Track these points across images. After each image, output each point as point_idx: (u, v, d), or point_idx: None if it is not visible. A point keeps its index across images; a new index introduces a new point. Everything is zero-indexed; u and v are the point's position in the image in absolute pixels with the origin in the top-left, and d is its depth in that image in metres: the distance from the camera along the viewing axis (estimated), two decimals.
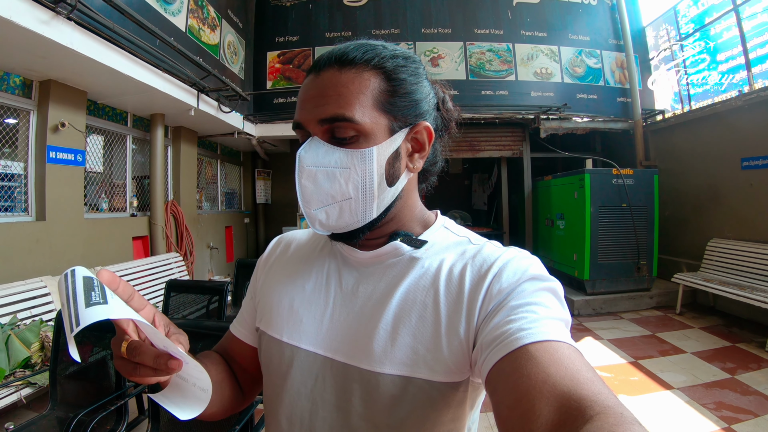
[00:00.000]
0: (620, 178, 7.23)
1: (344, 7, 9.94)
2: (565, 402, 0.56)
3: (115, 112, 6.75)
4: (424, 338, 0.80)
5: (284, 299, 0.98)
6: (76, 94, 5.54)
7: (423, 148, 0.91)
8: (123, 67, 5.13)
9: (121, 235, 6.60)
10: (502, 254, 0.84)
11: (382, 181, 0.85)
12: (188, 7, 7.12)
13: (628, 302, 7.12)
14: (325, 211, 0.85)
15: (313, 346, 0.90)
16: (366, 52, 0.84)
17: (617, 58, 9.64)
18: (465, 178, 12.19)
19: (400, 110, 0.85)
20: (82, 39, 4.48)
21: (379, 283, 0.90)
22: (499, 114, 9.02)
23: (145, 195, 7.40)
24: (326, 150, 0.82)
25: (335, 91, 0.80)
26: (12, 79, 4.94)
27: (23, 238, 4.89)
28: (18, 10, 3.74)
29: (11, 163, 5.06)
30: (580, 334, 5.99)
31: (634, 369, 4.77)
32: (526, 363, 0.63)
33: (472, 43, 9.54)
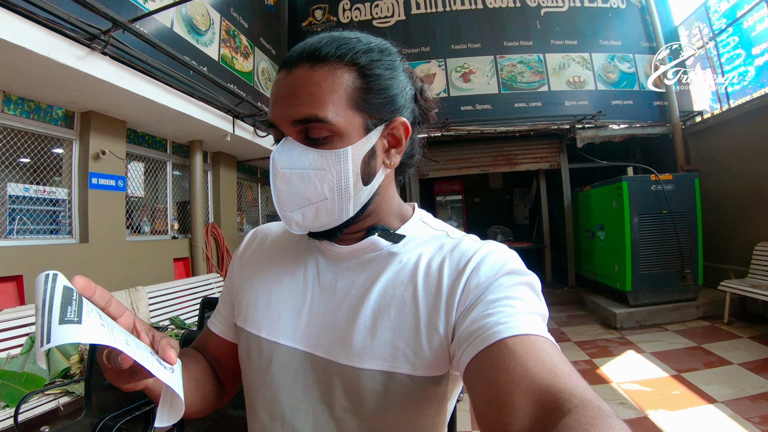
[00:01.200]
0: (659, 184, 7.01)
1: (374, 28, 10.04)
2: (543, 396, 0.57)
3: (154, 140, 7.07)
4: (403, 333, 0.81)
5: (261, 294, 0.98)
6: (115, 124, 5.85)
7: (400, 143, 0.90)
8: (158, 96, 5.40)
9: (162, 256, 6.86)
10: (480, 248, 0.84)
11: (357, 180, 0.84)
12: (220, 37, 7.38)
13: (673, 313, 6.83)
14: (301, 213, 0.84)
15: (292, 342, 0.90)
16: (339, 47, 0.81)
17: (651, 60, 9.30)
18: (506, 193, 12.09)
19: (376, 107, 0.84)
20: (118, 72, 4.76)
21: (357, 278, 0.89)
22: (534, 126, 8.98)
23: (186, 218, 7.64)
24: (300, 151, 0.81)
25: (307, 90, 0.79)
26: (55, 111, 5.27)
27: (67, 259, 5.15)
28: (55, 47, 4.03)
29: (56, 189, 5.36)
30: (621, 348, 5.78)
31: (676, 382, 4.56)
32: (504, 357, 0.63)
33: (502, 56, 9.54)
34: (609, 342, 6.10)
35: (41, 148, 5.16)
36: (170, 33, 6.10)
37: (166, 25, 6.05)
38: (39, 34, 3.91)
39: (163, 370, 0.68)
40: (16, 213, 4.88)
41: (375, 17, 10.15)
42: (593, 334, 6.56)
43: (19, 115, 4.88)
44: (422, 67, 9.78)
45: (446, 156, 9.70)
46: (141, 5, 5.42)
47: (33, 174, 5.23)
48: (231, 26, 7.84)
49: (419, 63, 9.82)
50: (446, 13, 9.85)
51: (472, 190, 11.79)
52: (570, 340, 6.31)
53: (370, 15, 10.17)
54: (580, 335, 6.55)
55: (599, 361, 5.39)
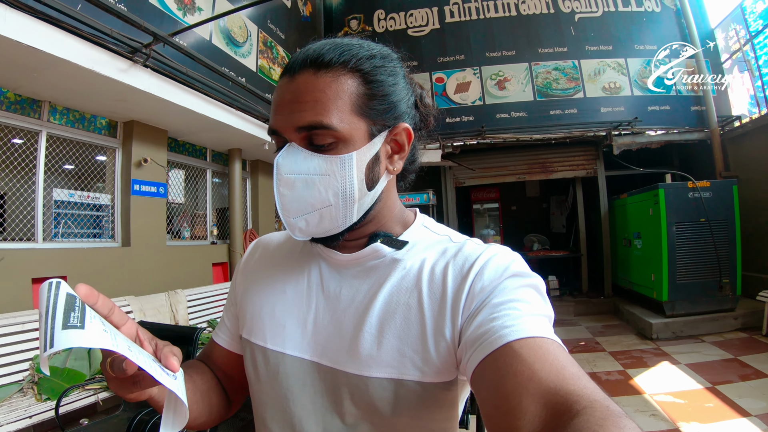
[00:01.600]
0: (697, 192, 6.87)
1: (409, 37, 10.19)
2: (551, 398, 0.57)
3: (194, 148, 7.35)
4: (410, 340, 0.80)
5: (265, 305, 0.97)
6: (156, 133, 6.14)
7: (402, 149, 0.90)
8: (198, 107, 5.64)
9: (201, 261, 7.13)
10: (484, 252, 0.84)
11: (362, 186, 0.84)
12: (257, 48, 7.61)
13: (711, 324, 6.66)
14: (305, 219, 0.83)
15: (298, 351, 0.90)
16: (342, 53, 0.81)
17: (687, 64, 9.14)
18: (543, 201, 11.96)
19: (379, 113, 0.84)
20: (159, 83, 5.02)
21: (362, 286, 0.89)
22: (570, 133, 8.93)
23: (225, 224, 7.89)
24: (304, 157, 0.81)
25: (311, 96, 0.79)
26: (99, 121, 5.55)
27: (109, 261, 5.42)
28: (99, 60, 4.28)
29: (99, 195, 5.66)
30: (656, 359, 5.70)
31: (710, 395, 4.48)
32: (512, 360, 0.63)
33: (537, 63, 9.52)
34: (644, 353, 6.02)
35: (85, 155, 5.43)
36: (209, 45, 6.35)
37: (205, 37, 6.30)
38: (83, 48, 4.15)
39: (166, 377, 0.68)
40: (61, 217, 5.15)
41: (410, 26, 10.24)
42: (628, 345, 6.47)
43: (65, 125, 5.15)
44: (457, 75, 9.87)
45: (482, 164, 9.73)
46: (180, 19, 5.69)
47: (77, 180, 5.51)
48: (268, 37, 8.07)
49: (454, 71, 9.89)
50: (480, 21, 9.89)
51: (508, 197, 11.69)
52: (604, 350, 6.24)
53: (405, 24, 10.27)
54: (615, 345, 6.47)
55: (633, 371, 5.33)
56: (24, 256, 4.55)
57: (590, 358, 5.95)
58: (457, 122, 9.68)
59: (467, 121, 9.65)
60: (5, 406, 3.50)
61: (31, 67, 4.12)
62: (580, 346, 6.56)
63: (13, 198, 4.72)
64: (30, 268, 4.56)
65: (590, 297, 9.15)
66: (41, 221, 4.84)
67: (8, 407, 3.46)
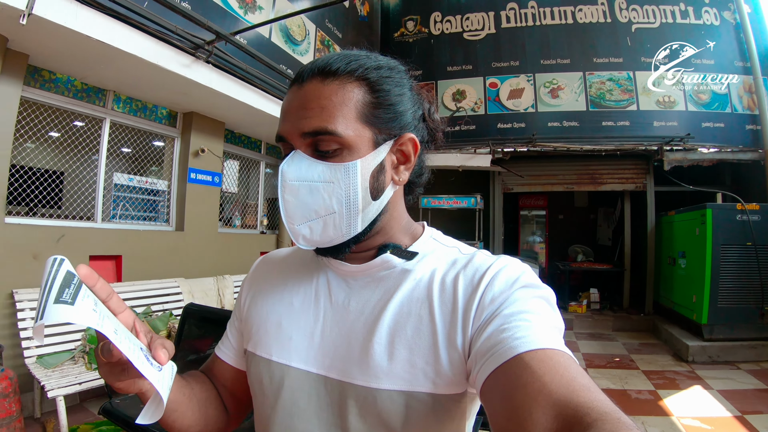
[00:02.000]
0: (745, 214, 6.74)
1: (464, 41, 10.23)
2: (561, 410, 0.56)
3: (250, 140, 7.71)
4: (421, 351, 0.80)
5: (272, 317, 0.97)
6: (214, 124, 6.49)
7: (408, 160, 0.91)
8: (255, 102, 5.95)
9: (249, 249, 7.45)
10: (494, 263, 0.83)
11: (366, 194, 0.84)
12: (315, 47, 7.83)
13: (749, 351, 6.52)
14: (308, 226, 0.83)
15: (304, 364, 0.89)
16: (350, 62, 0.83)
17: (745, 81, 8.89)
18: (590, 212, 11.87)
19: (384, 122, 0.85)
20: (219, 79, 5.32)
21: (371, 297, 0.88)
22: (621, 145, 8.83)
23: (275, 215, 8.22)
24: (309, 164, 0.81)
25: (318, 103, 0.80)
26: (159, 111, 5.92)
27: (163, 244, 5.80)
28: (164, 56, 4.60)
29: (157, 181, 6.03)
30: (688, 382, 5.67)
31: (738, 424, 4.46)
32: (522, 372, 0.63)
33: (591, 72, 9.40)
34: (677, 374, 5.99)
35: (145, 143, 5.83)
36: (268, 43, 6.62)
37: (265, 35, 6.56)
38: (149, 43, 4.46)
39: (149, 367, 0.69)
40: (120, 200, 5.49)
41: (465, 30, 10.25)
42: (662, 365, 6.43)
43: (127, 113, 5.51)
44: (511, 81, 9.83)
45: (531, 171, 9.73)
46: (241, 17, 5.96)
47: (136, 164, 5.93)
48: (326, 36, 8.27)
49: (508, 77, 9.87)
50: (536, 27, 9.83)
51: (556, 206, 11.64)
52: (638, 369, 6.24)
53: (461, 28, 10.29)
54: (649, 364, 6.44)
55: (663, 392, 5.32)
56: (83, 235, 4.90)
57: (623, 374, 5.96)
58: (509, 128, 9.68)
59: (518, 128, 9.63)
60: (57, 371, 3.87)
61: (99, 59, 4.43)
62: (615, 362, 6.56)
63: (75, 179, 5.06)
64: (88, 246, 4.91)
65: (630, 313, 9.07)
66: (101, 203, 5.19)
67: (60, 373, 3.86)
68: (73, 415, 4.07)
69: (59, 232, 4.60)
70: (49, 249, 4.42)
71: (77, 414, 4.25)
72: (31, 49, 4.20)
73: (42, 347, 4.09)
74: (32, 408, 4.18)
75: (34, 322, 0.59)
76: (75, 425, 3.93)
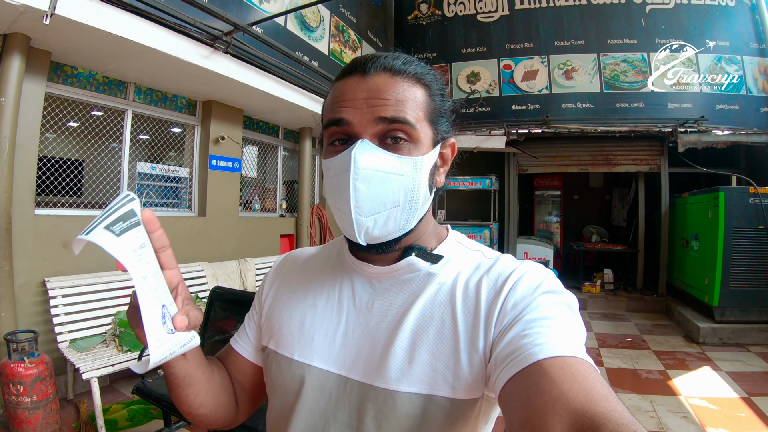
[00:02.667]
0: (758, 198, 6.75)
1: (478, 23, 10.15)
2: (578, 419, 0.56)
3: (268, 126, 7.84)
4: (442, 355, 0.80)
5: (295, 317, 0.97)
6: (233, 112, 6.64)
7: (446, 163, 0.94)
8: (272, 89, 6.07)
9: (270, 232, 7.69)
10: (517, 268, 0.84)
11: (426, 191, 0.86)
12: (330, 33, 7.89)
13: (760, 335, 6.57)
14: (374, 219, 0.82)
15: (325, 364, 0.89)
16: (410, 64, 0.86)
17: (760, 63, 8.80)
18: (606, 193, 11.88)
19: (439, 125, 0.88)
20: (238, 69, 5.44)
21: (395, 300, 0.89)
22: (635, 127, 8.83)
23: (293, 199, 8.40)
24: (380, 154, 0.81)
25: (393, 95, 0.81)
26: (179, 100, 6.07)
27: (186, 230, 5.99)
28: (184, 48, 4.71)
29: (179, 168, 6.20)
30: (698, 363, 5.78)
31: (744, 405, 4.56)
32: (540, 379, 0.62)
33: (605, 54, 9.33)
34: (687, 355, 6.09)
35: (166, 131, 6.00)
36: (284, 30, 6.70)
37: (281, 23, 6.62)
38: (168, 36, 4.56)
39: (158, 323, 0.68)
40: (143, 188, 5.67)
41: (479, 12, 10.17)
42: (673, 346, 6.54)
43: (148, 103, 5.66)
44: (525, 63, 9.79)
45: (545, 153, 9.76)
46: (257, 6, 6.05)
47: (158, 153, 6.05)
48: (340, 22, 8.29)
49: (522, 59, 9.82)
50: (550, 8, 9.73)
51: (571, 187, 11.70)
52: (649, 349, 6.36)
53: (474, 10, 10.21)
54: (661, 345, 6.55)
55: (673, 372, 5.44)
56: None
57: (634, 354, 6.09)
58: (523, 110, 9.67)
59: (533, 110, 9.61)
60: (90, 354, 4.05)
61: (121, 54, 4.54)
62: (626, 342, 6.68)
63: (101, 169, 5.21)
64: None
65: (644, 294, 9.12)
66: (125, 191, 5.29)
67: (93, 356, 4.02)
68: (105, 396, 4.22)
69: (86, 221, 4.67)
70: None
71: (108, 395, 4.44)
72: (53, 46, 4.29)
73: (74, 332, 4.25)
74: (65, 390, 4.36)
75: (79, 234, 0.61)
76: (107, 405, 4.14)
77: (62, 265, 4.45)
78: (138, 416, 4.08)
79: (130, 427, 3.95)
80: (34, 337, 3.67)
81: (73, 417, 4.03)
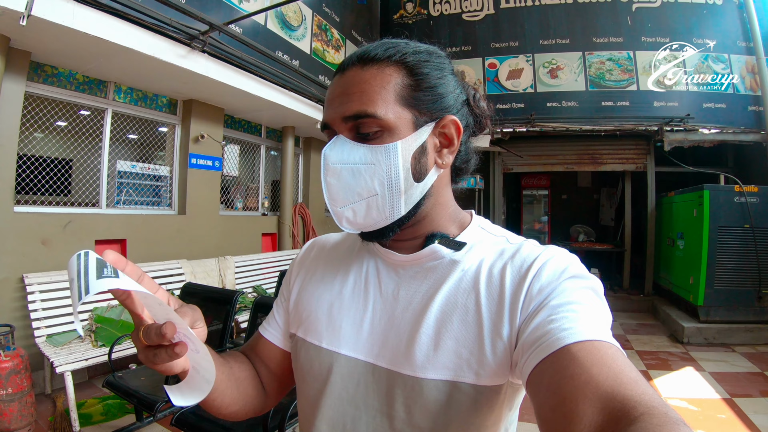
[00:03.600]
0: (743, 196, 6.67)
1: (464, 22, 10.16)
2: (608, 403, 0.56)
3: (250, 125, 7.78)
4: (467, 342, 0.80)
5: (323, 305, 0.98)
6: (214, 111, 6.60)
7: (452, 143, 0.90)
8: (252, 88, 6.03)
9: (251, 231, 7.64)
10: (542, 253, 0.83)
11: (408, 176, 0.84)
12: (312, 32, 7.83)
13: (745, 334, 6.48)
14: (352, 209, 0.85)
15: (353, 352, 0.90)
16: (387, 48, 0.85)
17: (747, 62, 8.73)
18: (594, 192, 11.84)
19: (424, 104, 0.85)
20: (216, 68, 5.41)
21: (420, 288, 0.89)
22: (620, 126, 8.78)
23: (276, 197, 8.35)
24: (351, 147, 0.83)
25: (358, 88, 0.82)
26: (160, 99, 6.02)
27: (166, 228, 5.97)
28: (161, 48, 4.69)
29: (159, 167, 6.19)
30: (681, 363, 5.69)
31: (726, 406, 4.46)
32: (569, 364, 0.62)
33: (591, 52, 9.31)
34: (671, 355, 6.01)
35: (147, 130, 5.97)
36: (264, 29, 6.66)
37: (260, 22, 6.58)
38: (145, 36, 4.55)
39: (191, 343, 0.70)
40: (123, 186, 5.66)
41: (464, 11, 10.17)
42: (657, 345, 6.46)
43: (128, 103, 5.62)
44: (510, 62, 9.78)
45: (531, 151, 9.74)
46: (236, 6, 6.00)
47: (140, 152, 6.03)
48: (323, 21, 8.25)
49: (507, 57, 9.81)
50: (535, 7, 9.71)
51: (559, 186, 11.65)
52: (632, 349, 6.27)
53: (460, 9, 10.20)
54: (644, 345, 6.48)
55: (654, 373, 5.37)
56: (88, 220, 5.05)
57: None
58: (508, 109, 9.63)
59: (517, 108, 9.59)
60: (65, 349, 4.12)
61: (99, 54, 4.55)
62: None
63: (81, 167, 5.20)
64: (94, 230, 5.08)
65: (630, 293, 9.06)
66: (105, 189, 5.33)
67: (68, 350, 4.09)
68: (82, 391, 4.40)
69: (66, 219, 4.79)
70: (56, 235, 4.69)
71: (86, 390, 4.54)
72: (32, 46, 4.35)
73: (51, 327, 4.32)
74: (43, 385, 4.43)
75: (76, 301, 0.56)
76: (83, 400, 4.25)
77: (41, 262, 4.53)
78: (113, 411, 4.16)
79: (105, 421, 4.00)
80: (11, 330, 3.80)
81: (49, 411, 4.08)
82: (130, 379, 3.40)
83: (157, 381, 3.41)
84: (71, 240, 4.77)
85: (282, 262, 7.33)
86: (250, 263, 6.82)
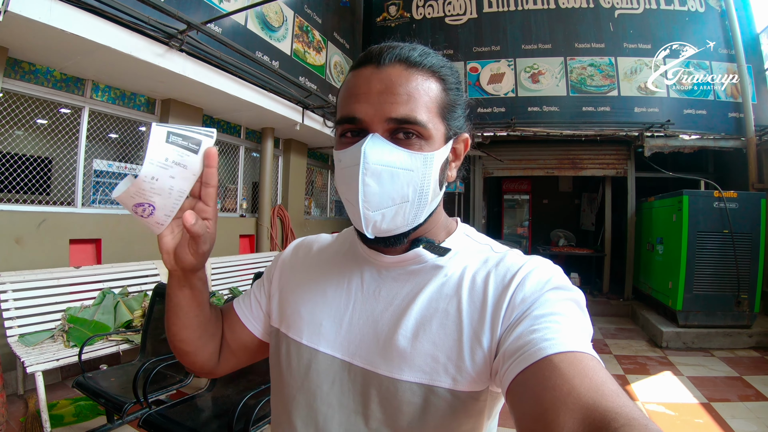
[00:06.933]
0: (722, 202, 6.65)
1: (446, 25, 10.15)
2: (589, 414, 0.56)
3: (229, 126, 7.65)
4: (444, 346, 0.80)
5: (306, 303, 0.98)
6: (192, 111, 6.51)
7: (458, 158, 0.93)
8: (231, 89, 5.93)
9: (229, 232, 7.53)
10: (526, 263, 0.84)
11: (436, 186, 0.85)
12: (293, 33, 7.72)
13: (724, 339, 6.49)
14: (382, 213, 0.82)
15: (331, 350, 0.91)
16: (427, 56, 0.84)
17: (728, 69, 8.78)
18: (575, 197, 11.88)
19: (453, 120, 0.87)
20: (194, 67, 5.31)
21: (401, 289, 0.89)
22: (601, 131, 8.78)
23: (255, 199, 8.26)
24: (391, 149, 0.80)
25: (405, 90, 0.80)
26: (138, 98, 5.91)
27: (142, 228, 5.73)
28: (137, 46, 4.60)
29: (136, 167, 6.05)
30: (659, 367, 5.65)
31: (703, 411, 4.42)
32: (551, 374, 0.62)
33: (572, 57, 9.32)
34: (649, 360, 5.97)
35: (127, 130, 5.90)
36: (244, 30, 6.54)
37: (240, 22, 6.47)
38: (123, 34, 4.46)
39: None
40: (99, 185, 5.53)
41: (447, 14, 10.16)
42: (636, 350, 6.42)
43: (106, 101, 5.51)
44: (492, 66, 9.75)
45: (511, 156, 9.69)
46: (216, 5, 5.87)
47: (118, 151, 6.05)
48: (304, 22, 8.14)
49: (489, 62, 9.78)
50: (518, 12, 9.72)
51: (540, 190, 11.67)
52: (610, 353, 6.23)
53: (443, 12, 10.19)
54: (623, 350, 6.43)
55: (632, 377, 5.33)
56: (63, 219, 4.96)
57: None
58: (489, 113, 9.58)
59: (498, 113, 9.54)
60: (37, 349, 4.03)
61: (76, 51, 4.45)
62: None
63: (58, 166, 5.10)
64: (68, 229, 4.99)
65: (610, 298, 9.04)
66: (81, 188, 5.22)
67: (39, 350, 4.00)
68: (55, 392, 4.37)
69: (41, 217, 4.71)
70: (30, 233, 4.63)
71: (58, 391, 4.48)
72: (9, 42, 4.26)
73: (24, 327, 4.23)
74: (15, 386, 4.38)
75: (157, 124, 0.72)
76: (55, 401, 4.20)
77: (14, 261, 4.47)
78: (85, 412, 4.12)
79: (76, 423, 3.96)
80: None
81: (21, 411, 4.05)
82: (100, 380, 3.41)
83: (126, 382, 3.38)
84: (45, 239, 4.69)
85: (260, 264, 7.25)
86: (227, 265, 6.73)
